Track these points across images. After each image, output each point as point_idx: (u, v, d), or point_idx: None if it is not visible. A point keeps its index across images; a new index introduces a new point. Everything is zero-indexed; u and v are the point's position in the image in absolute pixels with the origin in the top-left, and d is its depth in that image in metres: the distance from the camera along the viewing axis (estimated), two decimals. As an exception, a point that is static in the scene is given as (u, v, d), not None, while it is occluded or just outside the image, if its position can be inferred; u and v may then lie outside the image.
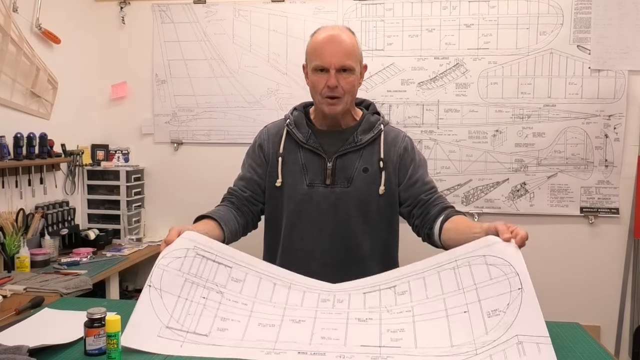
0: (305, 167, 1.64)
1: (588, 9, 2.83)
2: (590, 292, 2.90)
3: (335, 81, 1.55)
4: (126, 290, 3.11)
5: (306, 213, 1.63)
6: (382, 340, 1.15)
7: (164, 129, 3.21)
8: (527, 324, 1.09)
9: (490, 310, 1.14)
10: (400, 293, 1.27)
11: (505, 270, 1.18)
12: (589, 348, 1.20)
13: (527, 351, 1.06)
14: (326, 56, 1.55)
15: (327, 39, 1.57)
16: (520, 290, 1.15)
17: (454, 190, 2.96)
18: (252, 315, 1.23)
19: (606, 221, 2.90)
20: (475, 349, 1.10)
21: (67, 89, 2.96)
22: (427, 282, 1.26)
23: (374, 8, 2.98)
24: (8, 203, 2.53)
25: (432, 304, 1.22)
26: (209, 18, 3.12)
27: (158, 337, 1.16)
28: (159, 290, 1.23)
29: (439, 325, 1.17)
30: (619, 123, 2.84)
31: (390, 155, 1.65)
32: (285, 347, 1.14)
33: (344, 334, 1.18)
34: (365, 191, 1.62)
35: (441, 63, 2.95)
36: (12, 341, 1.14)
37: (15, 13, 2.57)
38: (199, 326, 1.20)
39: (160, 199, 3.24)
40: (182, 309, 1.22)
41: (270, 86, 3.09)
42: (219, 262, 1.32)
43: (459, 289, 1.21)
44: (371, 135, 1.64)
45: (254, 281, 1.31)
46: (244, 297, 1.27)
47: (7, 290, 1.97)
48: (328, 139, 1.65)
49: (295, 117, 1.69)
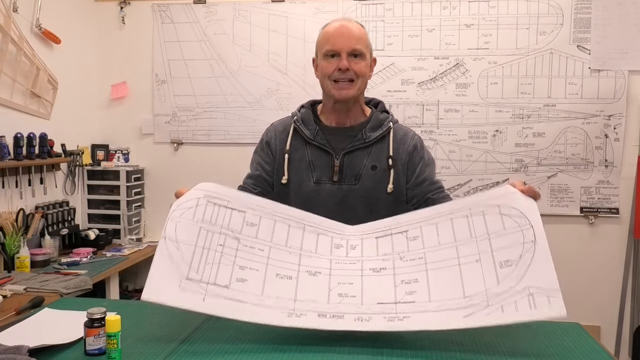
0: (312, 164, 1.62)
1: (588, 9, 2.83)
2: (590, 292, 2.90)
3: (346, 63, 1.54)
4: (126, 290, 3.11)
5: (313, 210, 1.57)
6: (397, 294, 1.16)
7: (164, 129, 3.21)
8: (539, 277, 1.11)
9: (502, 261, 1.14)
10: (412, 238, 1.26)
11: (520, 222, 1.18)
12: (589, 348, 1.20)
13: (538, 303, 1.09)
14: (337, 41, 1.55)
15: (337, 27, 1.58)
16: (533, 243, 1.15)
17: (454, 190, 2.96)
18: (269, 263, 1.23)
19: (606, 221, 2.90)
20: (487, 299, 1.12)
21: (67, 89, 2.96)
22: (439, 228, 1.25)
23: (374, 8, 2.98)
24: (8, 203, 2.53)
25: (445, 252, 1.21)
26: (209, 18, 3.12)
27: (179, 291, 1.15)
28: (175, 241, 1.22)
29: (451, 274, 1.17)
30: (619, 123, 2.84)
31: (399, 153, 1.63)
32: (305, 308, 1.14)
33: (360, 288, 1.18)
34: (373, 189, 1.60)
35: (441, 63, 2.95)
36: (12, 341, 1.14)
37: (15, 13, 2.57)
38: (219, 277, 1.19)
39: (160, 199, 3.24)
40: (200, 258, 1.21)
41: (270, 86, 3.09)
42: (232, 208, 1.31)
43: (471, 237, 1.20)
44: (380, 132, 1.63)
45: (269, 224, 1.30)
46: (260, 242, 1.26)
47: (7, 290, 1.97)
48: (336, 136, 1.63)
49: (302, 114, 1.68)
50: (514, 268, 1.13)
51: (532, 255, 1.13)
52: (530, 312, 1.10)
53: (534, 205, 1.21)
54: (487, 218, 1.22)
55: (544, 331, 1.30)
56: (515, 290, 1.11)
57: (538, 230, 1.17)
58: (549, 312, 1.10)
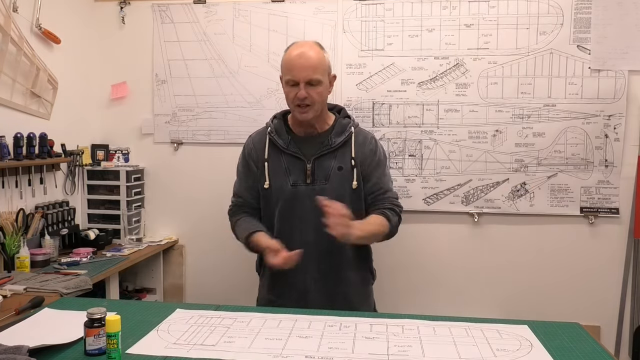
0: (288, 169, 1.88)
1: (588, 9, 2.83)
2: (590, 292, 2.90)
3: (304, 93, 1.79)
4: (126, 290, 3.10)
5: (293, 209, 1.87)
6: (390, 351, 1.17)
7: (164, 129, 3.21)
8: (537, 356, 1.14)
9: (499, 349, 1.18)
10: (408, 329, 1.32)
11: (516, 336, 1.26)
12: (589, 348, 1.21)
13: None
14: (296, 71, 1.80)
15: (296, 56, 1.82)
16: (530, 346, 1.20)
17: (454, 190, 2.96)
18: (259, 333, 1.28)
19: (606, 221, 2.90)
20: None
21: (67, 89, 2.96)
22: (436, 329, 1.31)
23: (374, 8, 2.98)
24: (8, 203, 2.53)
25: (441, 337, 1.26)
26: (209, 18, 3.12)
27: (165, 350, 1.19)
28: (167, 331, 1.30)
29: (446, 348, 1.20)
30: (619, 123, 2.84)
31: (359, 154, 1.89)
32: (293, 353, 1.15)
33: (352, 346, 1.19)
34: (341, 187, 1.87)
35: (441, 63, 2.95)
36: (12, 341, 1.14)
37: (15, 13, 2.57)
38: (207, 341, 1.23)
39: (160, 199, 3.24)
40: (189, 334, 1.27)
41: (270, 86, 3.09)
42: (223, 317, 1.40)
43: (468, 336, 1.26)
44: (343, 137, 1.89)
45: (259, 321, 1.37)
46: (250, 327, 1.33)
47: (7, 290, 1.97)
48: (306, 144, 1.89)
49: (275, 125, 1.94)
50: (511, 353, 1.16)
51: (529, 350, 1.18)
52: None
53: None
54: (485, 332, 1.30)
55: (544, 331, 1.30)
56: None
57: (534, 341, 1.23)
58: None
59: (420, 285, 3.02)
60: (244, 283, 2.69)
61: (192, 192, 3.17)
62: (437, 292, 2.99)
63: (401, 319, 1.38)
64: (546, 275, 2.91)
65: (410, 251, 2.99)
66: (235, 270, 2.99)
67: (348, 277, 1.90)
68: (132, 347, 1.18)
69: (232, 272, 3.04)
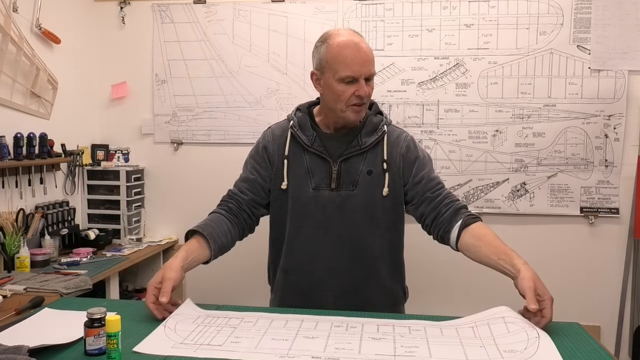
0: (311, 170, 1.63)
1: (588, 9, 2.83)
2: (590, 292, 2.90)
3: (367, 90, 1.55)
4: (126, 290, 3.10)
5: (312, 216, 1.62)
6: (397, 351, 1.17)
7: (164, 129, 3.21)
8: (544, 357, 1.14)
9: (507, 350, 1.17)
10: (414, 330, 1.31)
11: (523, 325, 1.25)
12: (589, 348, 1.20)
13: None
14: (356, 66, 1.53)
15: (354, 49, 1.54)
16: (537, 338, 1.20)
17: (454, 190, 2.96)
18: (265, 333, 1.28)
19: (606, 221, 2.90)
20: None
21: (67, 89, 2.96)
22: (443, 330, 1.31)
23: (374, 8, 2.98)
24: (8, 203, 2.53)
25: (448, 338, 1.25)
26: (209, 18, 3.12)
27: (172, 349, 1.19)
28: (173, 329, 1.29)
29: (453, 349, 1.20)
30: (619, 123, 2.84)
31: (393, 156, 1.64)
32: (299, 353, 1.16)
33: (358, 346, 1.20)
34: (370, 193, 1.61)
35: (441, 63, 2.95)
36: (12, 341, 1.14)
37: (15, 13, 2.57)
38: (213, 340, 1.23)
39: (160, 199, 3.25)
40: (196, 334, 1.27)
41: (270, 86, 3.09)
42: (229, 317, 1.39)
43: (475, 337, 1.26)
44: (375, 137, 1.63)
45: (266, 321, 1.37)
46: (257, 327, 1.33)
47: (7, 290, 1.97)
48: (332, 142, 1.63)
49: (299, 118, 1.67)
50: (519, 354, 1.15)
51: (536, 347, 1.17)
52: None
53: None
54: (492, 326, 1.28)
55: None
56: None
57: (540, 331, 1.23)
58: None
59: (420, 285, 3.01)
60: (244, 283, 2.69)
61: (192, 192, 3.17)
62: (437, 293, 2.99)
63: (408, 319, 1.38)
64: (546, 275, 2.86)
65: (410, 251, 2.98)
66: (236, 271, 2.99)
67: (375, 297, 1.65)
68: (138, 345, 1.18)
69: (232, 273, 3.04)
